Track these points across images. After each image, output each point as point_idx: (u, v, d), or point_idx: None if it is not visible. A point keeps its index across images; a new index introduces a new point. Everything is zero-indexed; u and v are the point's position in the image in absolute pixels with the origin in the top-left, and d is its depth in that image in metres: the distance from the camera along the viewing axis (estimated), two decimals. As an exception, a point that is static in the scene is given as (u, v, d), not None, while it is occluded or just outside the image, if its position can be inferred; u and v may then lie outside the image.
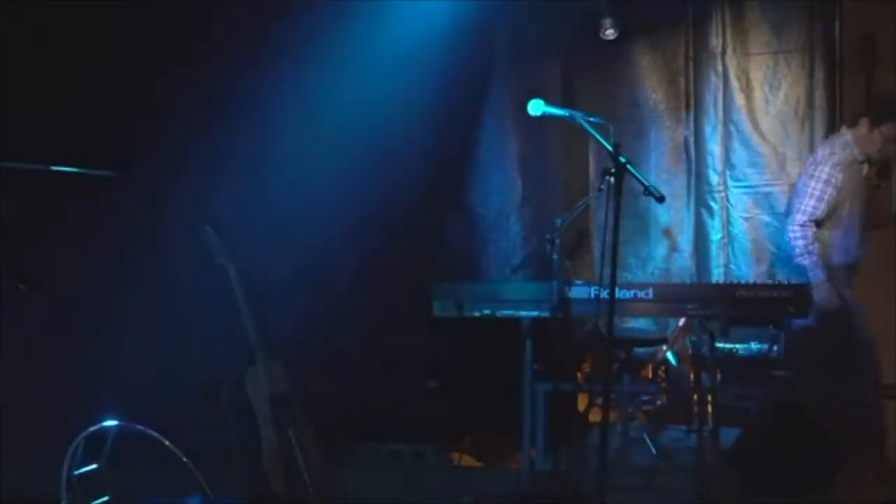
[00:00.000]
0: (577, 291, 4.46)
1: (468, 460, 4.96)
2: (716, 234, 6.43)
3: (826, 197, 4.84)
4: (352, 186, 5.59)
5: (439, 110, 5.74)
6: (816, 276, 4.79)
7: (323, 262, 5.58)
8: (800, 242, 4.84)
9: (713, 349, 4.63)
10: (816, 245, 4.84)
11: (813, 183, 4.88)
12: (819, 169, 4.89)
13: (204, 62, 5.46)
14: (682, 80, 6.49)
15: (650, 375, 6.09)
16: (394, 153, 5.71)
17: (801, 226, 4.86)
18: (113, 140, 5.23)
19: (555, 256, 4.14)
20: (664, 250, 6.54)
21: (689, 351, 5.84)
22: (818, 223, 4.88)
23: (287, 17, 5.51)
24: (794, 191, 5.17)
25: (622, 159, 3.31)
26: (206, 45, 5.43)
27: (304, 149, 5.52)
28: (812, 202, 4.86)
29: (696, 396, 5.39)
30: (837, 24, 5.99)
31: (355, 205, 5.63)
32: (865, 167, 5.02)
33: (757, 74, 6.31)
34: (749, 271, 6.31)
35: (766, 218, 6.30)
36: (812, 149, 6.09)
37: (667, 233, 6.53)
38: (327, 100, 5.55)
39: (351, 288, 5.73)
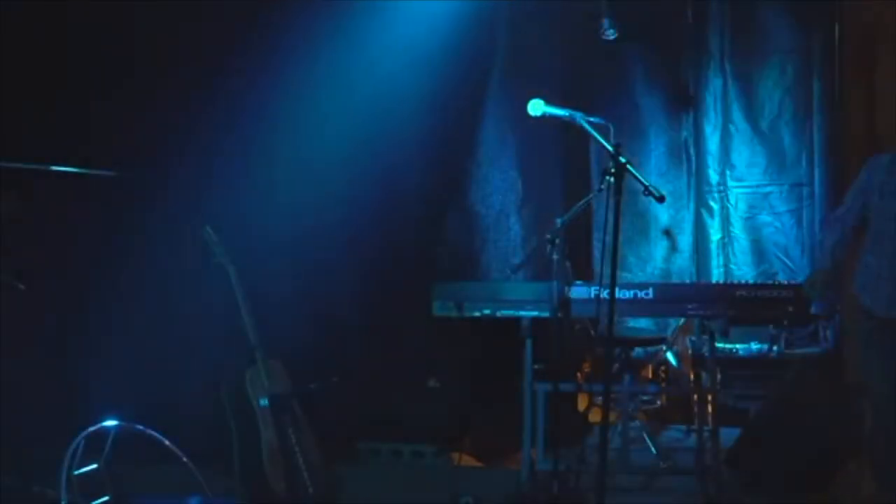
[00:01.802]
0: (577, 291, 4.46)
1: (468, 460, 4.95)
2: (716, 234, 6.43)
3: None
4: (352, 186, 5.59)
5: (439, 110, 5.73)
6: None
7: (323, 262, 5.58)
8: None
9: (713, 349, 4.62)
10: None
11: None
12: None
13: (205, 63, 5.46)
14: (682, 81, 6.50)
15: (650, 375, 6.11)
16: (393, 153, 5.71)
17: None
18: (113, 140, 5.23)
19: (555, 256, 4.12)
20: (664, 250, 6.55)
21: (689, 351, 5.84)
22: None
23: (287, 18, 5.50)
24: None
25: (622, 159, 3.31)
26: (207, 46, 5.43)
27: (303, 147, 5.51)
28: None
29: (696, 396, 5.39)
30: (837, 25, 5.99)
31: (355, 205, 5.63)
32: None
33: (757, 74, 6.32)
34: (749, 271, 6.32)
35: (766, 218, 6.30)
36: (812, 149, 6.10)
37: (667, 233, 6.53)
38: (327, 98, 5.55)
39: (351, 288, 5.72)
